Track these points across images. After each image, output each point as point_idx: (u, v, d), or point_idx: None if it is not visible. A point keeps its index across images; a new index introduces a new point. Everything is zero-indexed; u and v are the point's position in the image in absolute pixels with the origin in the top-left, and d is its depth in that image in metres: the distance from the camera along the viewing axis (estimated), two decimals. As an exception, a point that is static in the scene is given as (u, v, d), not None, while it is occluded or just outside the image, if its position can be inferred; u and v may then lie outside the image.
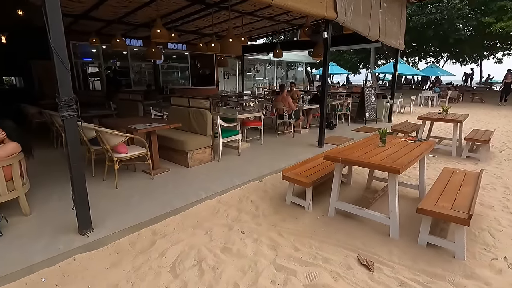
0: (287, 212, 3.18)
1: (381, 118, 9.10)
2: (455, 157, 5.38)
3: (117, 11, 7.77)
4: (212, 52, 8.52)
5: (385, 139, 3.17)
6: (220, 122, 4.66)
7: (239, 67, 21.91)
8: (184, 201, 3.26)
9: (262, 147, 5.81)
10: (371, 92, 8.75)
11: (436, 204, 2.42)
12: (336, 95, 9.73)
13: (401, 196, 3.58)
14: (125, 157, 3.66)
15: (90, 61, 11.03)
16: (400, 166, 2.39)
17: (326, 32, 5.19)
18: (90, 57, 11.06)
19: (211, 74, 14.90)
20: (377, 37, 6.70)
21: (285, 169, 3.34)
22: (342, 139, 6.55)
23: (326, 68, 5.42)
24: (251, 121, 5.96)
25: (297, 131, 7.28)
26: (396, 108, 12.44)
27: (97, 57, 10.90)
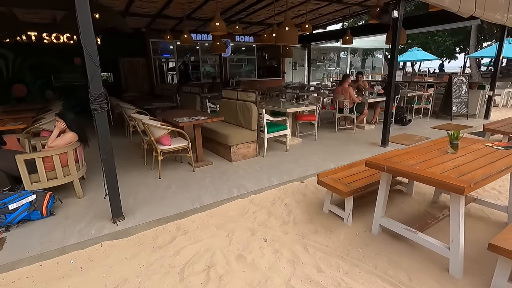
0: (322, 222, 2.78)
1: (475, 113, 7.40)
2: None
3: (185, 7, 8.18)
4: (274, 43, 8.28)
5: (457, 143, 2.44)
6: (266, 116, 4.42)
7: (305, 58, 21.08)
8: (214, 197, 3.18)
9: (316, 143, 5.35)
10: (462, 82, 7.16)
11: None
12: (416, 85, 8.33)
13: (482, 218, 2.76)
14: (168, 149, 3.78)
15: (169, 57, 12.07)
16: (465, 184, 1.75)
17: (396, 10, 4.35)
18: (169, 53, 12.11)
19: (277, 65, 14.65)
20: (471, 12, 5.33)
21: (322, 173, 2.92)
22: (414, 138, 5.54)
23: (395, 54, 4.57)
24: (304, 115, 5.54)
25: (360, 127, 6.50)
26: (500, 101, 10.02)
27: (173, 53, 11.86)
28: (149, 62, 10.89)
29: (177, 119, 3.95)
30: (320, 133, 6.14)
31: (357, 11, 9.86)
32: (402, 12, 4.40)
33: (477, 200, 2.81)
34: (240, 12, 8.79)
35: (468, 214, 2.84)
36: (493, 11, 5.72)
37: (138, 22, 9.74)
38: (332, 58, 22.81)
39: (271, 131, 4.55)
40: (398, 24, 4.43)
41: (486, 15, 5.68)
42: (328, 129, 6.46)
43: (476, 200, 2.82)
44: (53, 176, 3.01)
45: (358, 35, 10.29)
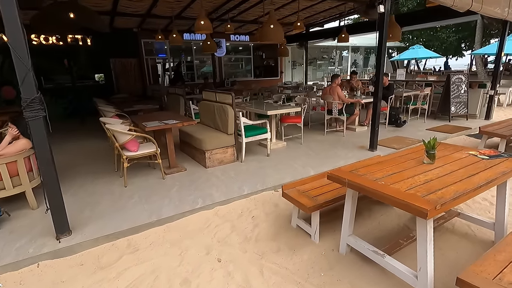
0: (288, 239, 2.52)
1: (475, 113, 7.02)
2: None
3: (174, 6, 7.97)
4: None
5: (434, 153, 2.15)
6: (243, 120, 4.16)
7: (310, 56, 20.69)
8: (176, 209, 2.94)
9: (301, 147, 5.07)
10: (461, 81, 6.78)
11: (496, 277, 1.42)
12: (413, 84, 7.97)
13: (467, 235, 2.46)
14: (134, 155, 3.55)
15: (164, 57, 11.88)
16: (430, 206, 1.47)
17: (382, 5, 4.04)
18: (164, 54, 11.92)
19: (274, 64, 14.36)
20: (468, 6, 4.99)
21: (288, 184, 2.65)
22: (406, 141, 5.22)
23: (382, 51, 4.26)
24: (289, 118, 5.26)
25: (351, 129, 6.19)
26: (505, 100, 9.57)
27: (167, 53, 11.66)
28: (141, 62, 10.71)
29: (145, 123, 3.72)
30: (309, 135, 5.86)
31: (355, 7, 9.51)
32: (389, 8, 4.09)
33: (461, 215, 2.51)
34: (231, 10, 8.54)
35: (452, 230, 2.54)
36: (492, 4, 5.36)
37: (129, 22, 9.57)
38: (334, 57, 22.43)
39: (249, 135, 4.28)
40: (385, 20, 4.12)
41: (484, 9, 5.33)
42: (318, 131, 6.17)
43: (461, 214, 2.51)
44: (0, 187, 2.80)
45: (355, 33, 9.94)
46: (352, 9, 9.75)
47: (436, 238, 2.42)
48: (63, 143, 5.91)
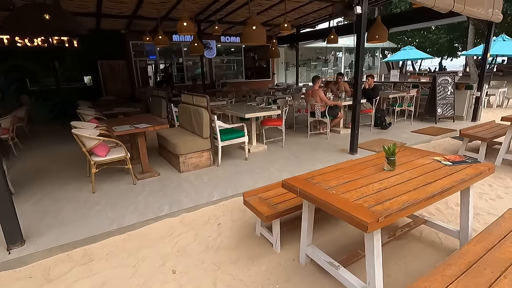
0: (249, 248, 2.43)
1: (462, 115, 6.96)
2: None
3: (159, 8, 7.88)
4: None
5: (394, 159, 2.07)
6: (218, 123, 4.08)
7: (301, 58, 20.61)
8: (140, 216, 2.85)
9: (282, 150, 4.99)
10: (447, 82, 6.73)
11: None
12: (401, 86, 7.92)
13: (433, 244, 2.38)
14: (103, 161, 3.46)
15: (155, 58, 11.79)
16: (371, 219, 1.39)
17: (359, 6, 3.97)
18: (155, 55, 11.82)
19: (266, 66, 14.30)
20: (449, 6, 4.94)
21: (250, 191, 2.56)
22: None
23: (360, 53, 4.19)
24: (270, 120, 5.18)
25: (335, 131, 6.12)
26: (494, 101, 9.52)
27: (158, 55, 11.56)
28: (130, 64, 10.62)
29: (115, 128, 3.62)
30: (293, 138, 5.78)
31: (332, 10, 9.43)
32: (366, 9, 4.02)
33: (428, 222, 2.43)
34: (217, 11, 8.46)
35: (419, 238, 2.46)
36: (474, 5, 5.32)
37: (116, 24, 9.48)
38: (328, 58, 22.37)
39: (225, 138, 4.20)
40: (362, 21, 4.05)
41: (467, 10, 5.28)
42: (303, 133, 6.09)
43: (428, 222, 2.44)
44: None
45: (344, 34, 9.86)
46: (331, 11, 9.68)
47: (401, 247, 2.34)
48: (41, 147, 5.81)
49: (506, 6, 14.22)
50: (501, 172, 3.86)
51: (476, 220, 2.69)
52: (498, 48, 9.23)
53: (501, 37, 9.58)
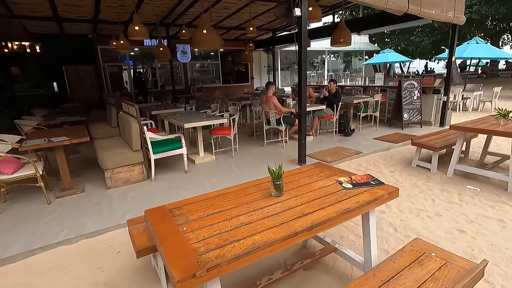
0: (134, 285, 2.12)
1: (430, 120, 6.74)
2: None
3: (119, 11, 7.59)
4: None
5: (280, 184, 1.78)
6: (148, 134, 3.77)
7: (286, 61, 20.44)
8: (29, 245, 2.52)
9: (231, 161, 4.70)
10: (413, 86, 6.51)
11: None
12: (370, 90, 7.69)
13: (342, 276, 2.09)
14: (9, 179, 3.13)
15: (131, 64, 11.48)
16: (184, 273, 1.09)
17: (298, 8, 3.71)
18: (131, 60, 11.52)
19: (245, 70, 14.05)
20: (404, 8, 4.72)
21: (135, 218, 2.26)
22: (343, 153, 4.88)
23: (302, 58, 3.92)
24: (218, 130, 4.89)
25: (295, 139, 5.83)
26: (470, 104, 9.36)
27: (128, 59, 11.24)
28: (98, 70, 10.28)
29: (27, 141, 3.30)
30: (248, 147, 5.50)
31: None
32: (306, 11, 3.76)
33: (338, 251, 2.14)
34: (182, 14, 8.20)
35: (329, 269, 2.17)
36: (432, 8, 5.11)
37: (82, 28, 9.15)
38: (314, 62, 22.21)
39: (159, 151, 3.89)
40: (302, 24, 3.79)
41: (424, 13, 5.07)
42: (261, 141, 5.80)
43: (337, 250, 2.15)
44: None
45: (317, 38, 9.66)
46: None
47: (308, 279, 2.05)
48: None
49: (486, 8, 14.20)
50: (450, 184, 3.60)
51: (402, 243, 2.42)
52: (472, 51, 9.07)
53: (474, 39, 9.43)
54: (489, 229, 2.59)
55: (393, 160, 4.62)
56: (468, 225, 2.68)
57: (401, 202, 3.20)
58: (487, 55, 9.39)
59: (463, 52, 9.15)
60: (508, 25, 17.05)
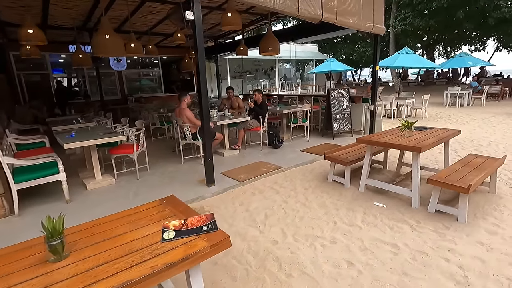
0: None
1: (360, 129, 6.73)
2: (418, 211, 3.09)
3: (22, 13, 6.64)
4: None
5: (59, 244, 1.26)
6: (5, 160, 3.05)
7: (240, 69, 20.27)
8: None
9: (133, 184, 4.09)
10: (342, 96, 6.45)
11: None
12: (305, 100, 7.57)
13: None
14: None
15: (61, 72, 10.31)
16: None
17: (190, 11, 3.30)
18: (59, 69, 10.35)
19: (190, 78, 13.46)
20: (317, 16, 4.56)
21: None
22: (262, 168, 4.52)
23: (201, 67, 3.50)
24: (118, 149, 4.27)
25: (219, 153, 5.41)
26: (403, 112, 9.73)
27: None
28: (11, 78, 9.02)
29: None
30: (164, 164, 4.93)
31: (255, 19, 9.01)
32: (200, 15, 3.35)
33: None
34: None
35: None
36: (348, 16, 5.03)
37: (-12, 32, 7.97)
38: (268, 70, 22.27)
39: (22, 179, 3.17)
40: (197, 29, 3.37)
41: (340, 21, 4.95)
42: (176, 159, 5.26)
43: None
44: None
45: (255, 46, 9.42)
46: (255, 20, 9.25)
47: None
48: None
49: (417, 21, 15.24)
50: (360, 201, 3.38)
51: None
52: (402, 60, 9.48)
53: (404, 50, 9.89)
54: (380, 258, 2.32)
55: (312, 175, 4.36)
56: (360, 254, 2.39)
57: (300, 228, 2.86)
58: (414, 64, 9.90)
59: (394, 61, 9.53)
60: (440, 37, 18.59)
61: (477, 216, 2.93)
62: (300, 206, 3.34)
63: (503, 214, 2.95)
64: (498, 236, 2.57)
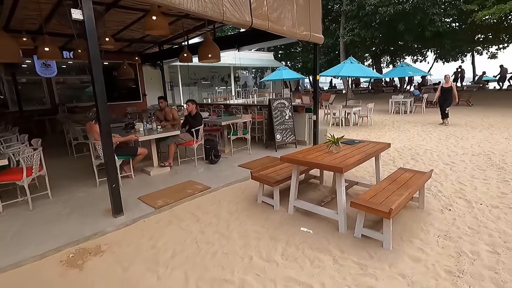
0: None
1: (305, 140, 6.54)
2: (345, 236, 2.81)
3: None
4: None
5: None
6: None
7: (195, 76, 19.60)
8: None
9: (23, 217, 3.33)
10: (284, 106, 6.21)
11: None
12: (249, 110, 7.23)
13: None
14: None
15: None
16: None
17: (78, 10, 2.72)
18: None
19: (136, 86, 12.52)
20: (246, 22, 4.22)
21: None
22: (188, 190, 4.00)
23: (97, 77, 2.92)
24: (3, 175, 3.48)
25: (146, 172, 4.80)
26: (350, 119, 9.88)
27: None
28: None
29: None
30: (79, 188, 4.23)
31: (199, 24, 8.49)
32: (92, 14, 2.79)
33: None
34: (24, 20, 6.41)
35: None
36: (280, 24, 4.77)
37: None
38: (224, 77, 21.82)
39: None
40: (87, 32, 2.80)
41: (273, 28, 4.65)
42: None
43: None
44: None
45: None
46: (195, 26, 8.74)
47: None
48: None
49: (364, 32, 15.92)
50: (286, 226, 3.02)
51: None
52: (347, 70, 9.64)
53: (349, 59, 10.11)
54: (289, 308, 1.94)
55: (243, 195, 3.95)
56: (268, 304, 1.99)
57: (209, 269, 2.40)
58: (358, 73, 10.16)
59: (340, 70, 9.67)
60: (386, 47, 19.74)
61: (403, 239, 2.72)
62: (218, 237, 2.89)
63: (429, 235, 2.78)
64: (421, 264, 2.34)
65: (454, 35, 16.68)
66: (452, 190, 3.87)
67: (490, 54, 22.38)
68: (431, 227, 2.93)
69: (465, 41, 17.94)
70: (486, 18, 12.99)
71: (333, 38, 18.86)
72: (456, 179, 4.27)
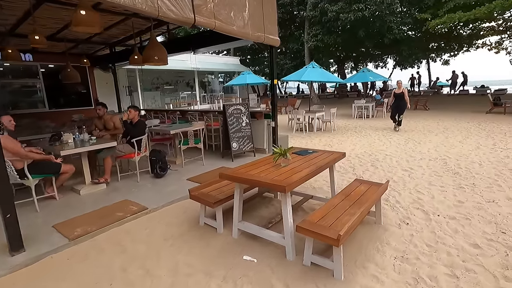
0: None
1: (264, 148, 6.17)
2: (293, 264, 2.42)
3: None
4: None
5: None
6: None
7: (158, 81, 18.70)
8: None
9: None
10: (240, 112, 5.80)
11: None
12: (204, 117, 6.73)
13: None
14: None
15: None
16: None
17: None
18: None
19: (87, 91, 11.48)
20: (188, 20, 3.75)
21: None
22: (118, 213, 3.41)
23: None
24: None
25: (75, 191, 4.11)
26: (314, 125, 9.74)
27: None
28: None
29: None
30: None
31: (152, 24, 7.83)
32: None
33: None
34: None
35: None
36: (230, 24, 4.36)
37: None
38: (189, 81, 21.07)
39: None
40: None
41: (221, 27, 4.22)
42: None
43: None
44: None
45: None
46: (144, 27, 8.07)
47: None
48: None
49: (327, 38, 16.16)
50: (227, 253, 2.57)
51: None
52: (309, 74, 9.51)
53: (311, 64, 10.02)
54: None
55: (184, 215, 3.44)
56: None
57: (115, 324, 1.87)
58: (320, 78, 10.11)
59: (302, 75, 9.52)
60: (349, 53, 20.28)
61: (357, 264, 2.39)
62: (140, 275, 2.36)
63: (385, 257, 2.47)
64: (375, 298, 2.00)
65: (411, 42, 17.54)
66: (410, 200, 3.67)
67: (443, 61, 23.94)
68: (387, 247, 2.63)
69: (420, 48, 18.95)
70: (438, 27, 13.73)
71: (298, 43, 19.01)
72: (414, 187, 4.11)
